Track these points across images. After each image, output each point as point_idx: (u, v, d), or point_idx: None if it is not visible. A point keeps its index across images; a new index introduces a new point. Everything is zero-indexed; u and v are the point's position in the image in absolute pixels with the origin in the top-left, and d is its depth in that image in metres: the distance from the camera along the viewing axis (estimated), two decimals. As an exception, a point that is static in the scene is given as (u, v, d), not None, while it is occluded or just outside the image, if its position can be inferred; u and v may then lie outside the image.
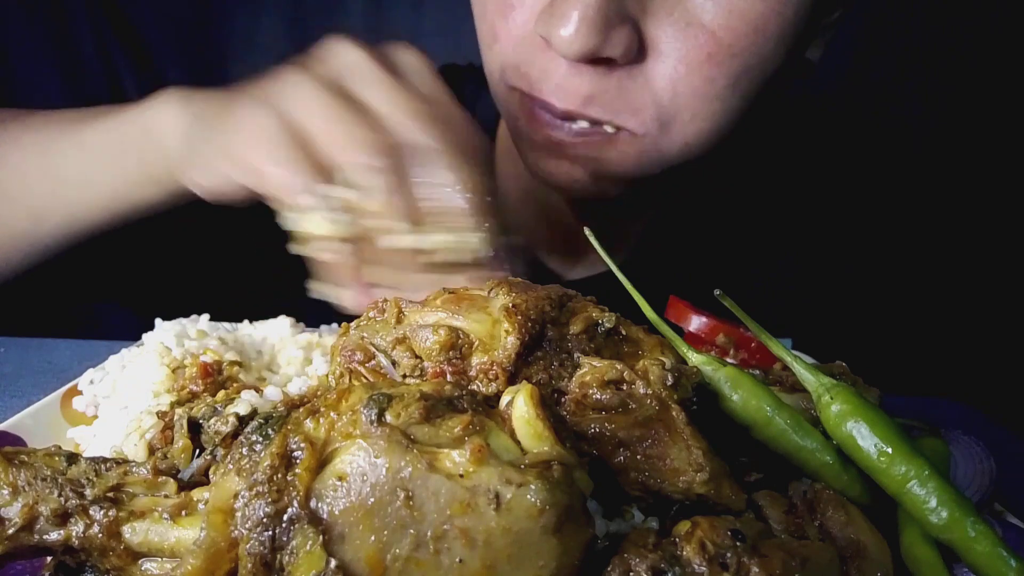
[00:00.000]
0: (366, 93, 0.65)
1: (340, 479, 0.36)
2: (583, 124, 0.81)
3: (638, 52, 0.76)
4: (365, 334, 0.54)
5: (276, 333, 0.75)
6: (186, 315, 0.78)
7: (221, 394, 0.55)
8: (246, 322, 0.78)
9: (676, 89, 0.78)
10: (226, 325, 0.77)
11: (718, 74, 0.78)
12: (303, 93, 0.65)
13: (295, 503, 0.36)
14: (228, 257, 1.05)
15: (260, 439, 0.39)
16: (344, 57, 0.67)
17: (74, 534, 0.40)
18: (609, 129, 0.81)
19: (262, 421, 0.40)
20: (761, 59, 0.79)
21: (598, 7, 0.70)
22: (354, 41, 0.69)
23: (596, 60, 0.75)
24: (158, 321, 0.75)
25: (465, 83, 1.10)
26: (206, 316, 0.77)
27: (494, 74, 0.88)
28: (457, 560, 0.35)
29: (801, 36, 0.82)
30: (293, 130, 0.63)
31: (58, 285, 1.04)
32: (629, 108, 0.80)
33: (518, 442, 0.38)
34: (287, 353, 0.72)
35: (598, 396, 0.48)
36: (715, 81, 0.78)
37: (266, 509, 0.36)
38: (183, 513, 0.41)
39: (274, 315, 0.79)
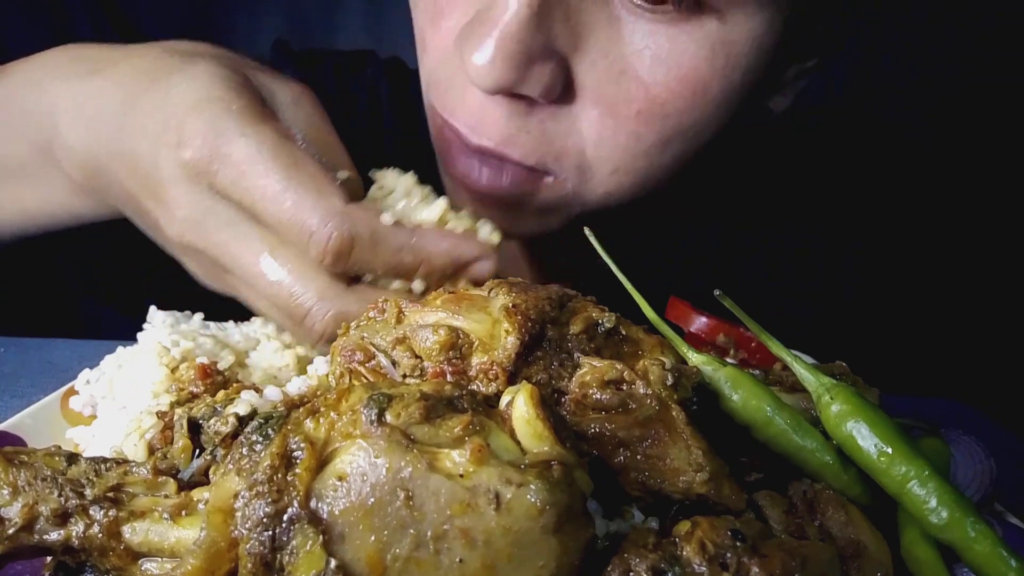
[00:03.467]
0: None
1: (340, 479, 0.36)
2: (494, 163, 0.74)
3: (564, 92, 0.68)
4: (365, 334, 0.54)
5: (261, 334, 0.75)
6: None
7: (221, 394, 0.55)
8: (231, 322, 0.78)
9: (601, 139, 0.70)
10: (218, 325, 0.77)
11: (647, 132, 0.70)
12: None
13: (295, 503, 0.36)
14: None
15: (260, 439, 0.39)
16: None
17: (74, 534, 0.40)
18: (525, 169, 0.74)
19: (262, 421, 0.40)
20: (696, 122, 0.70)
21: (519, 37, 0.62)
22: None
23: (515, 97, 0.68)
24: (152, 309, 0.75)
25: None
26: (199, 316, 0.77)
27: (423, 90, 0.80)
28: (457, 560, 0.35)
29: (752, 95, 0.74)
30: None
31: (51, 281, 1.03)
32: (552, 152, 0.72)
33: (518, 442, 0.38)
34: (273, 353, 0.72)
35: (598, 396, 0.48)
36: (643, 138, 0.70)
37: (266, 509, 0.36)
38: (183, 513, 0.41)
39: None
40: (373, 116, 1.08)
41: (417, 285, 0.62)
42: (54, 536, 0.41)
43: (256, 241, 0.61)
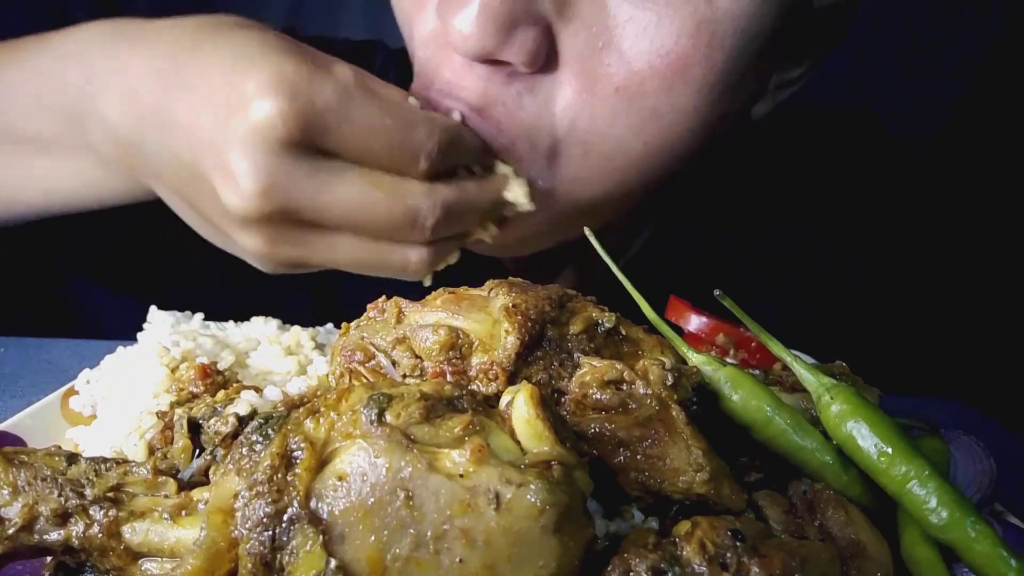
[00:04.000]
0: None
1: (340, 479, 0.36)
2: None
3: (545, 64, 0.66)
4: (365, 334, 0.54)
5: (261, 334, 0.75)
6: (180, 309, 0.78)
7: (221, 394, 0.55)
8: (231, 323, 0.78)
9: (576, 117, 0.68)
10: (218, 325, 0.77)
11: (623, 112, 0.68)
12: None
13: (295, 503, 0.36)
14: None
15: (260, 439, 0.39)
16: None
17: (74, 534, 0.40)
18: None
19: (262, 421, 0.40)
20: (673, 107, 0.68)
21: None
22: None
23: (496, 64, 0.66)
24: (153, 309, 0.75)
25: None
26: (200, 315, 0.77)
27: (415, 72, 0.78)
28: (457, 560, 0.35)
29: (734, 91, 0.71)
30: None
31: (51, 281, 1.03)
32: (524, 129, 0.69)
33: (518, 442, 0.38)
34: (272, 354, 0.72)
35: (598, 396, 0.48)
36: (618, 119, 0.68)
37: (266, 509, 0.36)
38: (183, 513, 0.41)
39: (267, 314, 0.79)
40: None
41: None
42: (54, 536, 0.41)
43: (351, 177, 0.61)
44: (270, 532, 0.36)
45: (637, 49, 0.66)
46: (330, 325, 0.82)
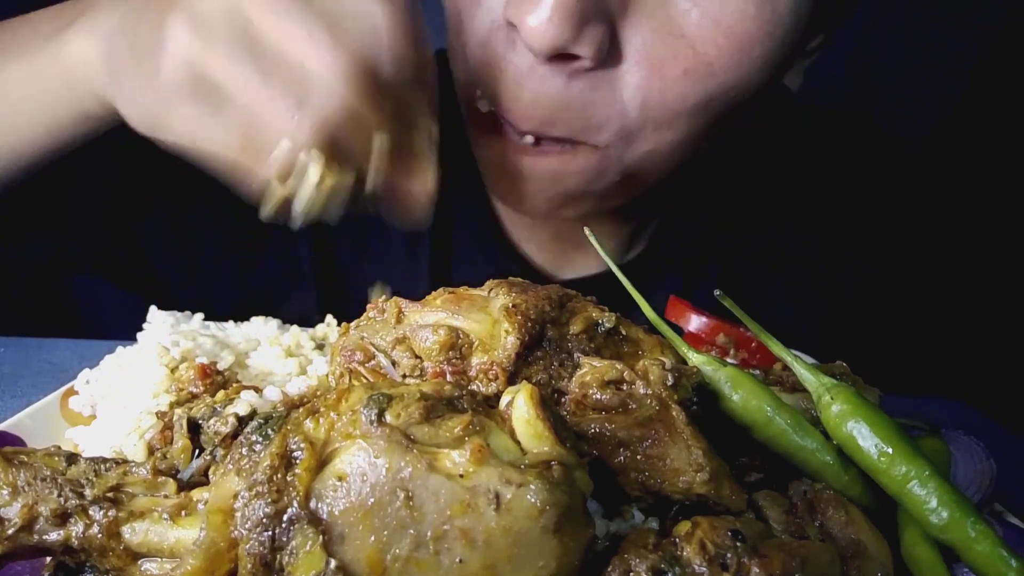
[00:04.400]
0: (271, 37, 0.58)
1: (340, 479, 0.36)
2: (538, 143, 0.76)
3: (609, 55, 0.70)
4: (365, 334, 0.54)
5: (262, 334, 0.75)
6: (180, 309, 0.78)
7: (221, 394, 0.55)
8: (231, 323, 0.78)
9: (645, 102, 0.72)
10: (218, 325, 0.77)
11: (692, 91, 0.71)
12: (191, 38, 0.57)
13: (295, 503, 0.36)
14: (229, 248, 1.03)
15: (260, 439, 0.39)
16: None
17: (74, 534, 0.40)
18: (565, 147, 0.76)
19: (262, 421, 0.40)
20: (740, 81, 0.72)
21: None
22: None
23: (562, 60, 0.69)
24: (153, 309, 0.75)
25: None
26: (200, 316, 0.77)
27: (458, 78, 0.82)
28: (457, 560, 0.35)
29: (784, 60, 0.76)
30: (203, 86, 0.58)
31: (51, 281, 1.03)
32: (593, 123, 0.74)
33: (518, 442, 0.38)
34: (272, 355, 0.72)
35: (598, 396, 0.48)
36: (687, 98, 0.72)
37: (266, 509, 0.36)
38: (183, 513, 0.41)
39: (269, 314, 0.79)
40: None
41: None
42: (54, 536, 0.41)
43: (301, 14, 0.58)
44: (270, 532, 0.36)
45: (702, 33, 0.69)
46: (329, 318, 0.82)
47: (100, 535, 0.40)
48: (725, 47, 0.69)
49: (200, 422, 0.50)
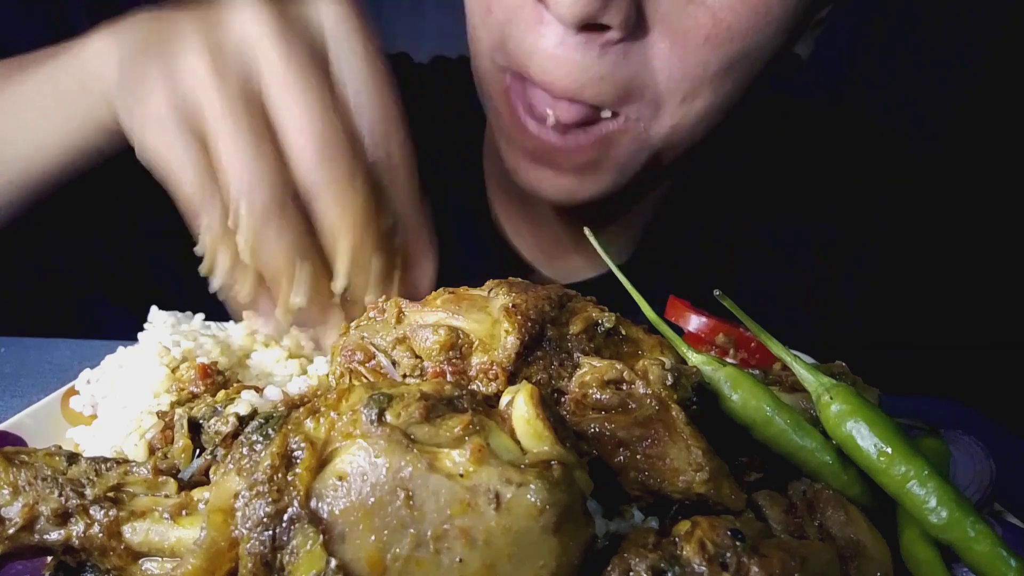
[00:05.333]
0: (270, 96, 0.62)
1: (340, 479, 0.36)
2: (572, 112, 0.78)
3: (635, 27, 0.73)
4: (365, 334, 0.54)
5: (262, 334, 0.75)
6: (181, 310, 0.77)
7: (221, 394, 0.55)
8: (232, 323, 0.78)
9: (670, 71, 0.76)
10: (218, 325, 0.77)
11: (713, 58, 0.76)
12: (201, 75, 0.61)
13: (295, 503, 0.36)
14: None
15: (260, 439, 0.39)
16: (247, 29, 0.63)
17: (74, 534, 0.40)
18: (605, 114, 0.79)
19: (262, 421, 0.40)
20: (758, 46, 0.77)
21: None
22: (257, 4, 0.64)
23: (591, 31, 0.72)
24: (153, 309, 0.75)
25: (454, 78, 1.08)
26: (200, 316, 0.77)
27: (483, 55, 0.85)
28: (457, 560, 0.35)
29: (798, 25, 0.80)
30: (190, 121, 0.61)
31: (54, 279, 1.03)
32: (624, 91, 0.77)
33: (518, 442, 0.38)
34: (272, 355, 0.72)
35: (598, 396, 0.48)
36: (709, 65, 0.76)
37: (266, 509, 0.36)
38: (183, 513, 0.41)
39: None
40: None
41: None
42: (54, 536, 0.41)
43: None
44: (270, 532, 0.36)
45: (721, 1, 0.73)
46: None
47: (101, 535, 0.40)
48: (743, 12, 0.74)
49: (201, 422, 0.50)
